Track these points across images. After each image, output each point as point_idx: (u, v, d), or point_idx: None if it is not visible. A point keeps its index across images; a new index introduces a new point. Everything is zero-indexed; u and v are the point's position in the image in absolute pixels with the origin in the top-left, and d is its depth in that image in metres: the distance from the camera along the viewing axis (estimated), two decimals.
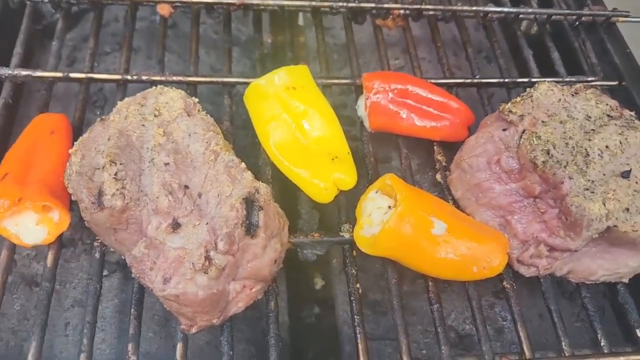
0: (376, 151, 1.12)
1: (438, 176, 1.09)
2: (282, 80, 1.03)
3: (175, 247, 0.80)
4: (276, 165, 1.01)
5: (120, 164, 0.84)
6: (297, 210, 1.08)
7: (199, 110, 0.92)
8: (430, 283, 0.96)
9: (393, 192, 0.94)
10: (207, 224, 0.81)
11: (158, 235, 0.81)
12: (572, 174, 0.92)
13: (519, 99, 1.02)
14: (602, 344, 0.94)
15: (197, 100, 0.94)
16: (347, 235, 0.97)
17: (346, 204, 1.01)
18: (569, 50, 1.34)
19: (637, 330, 0.96)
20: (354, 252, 0.97)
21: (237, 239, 0.79)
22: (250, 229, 0.80)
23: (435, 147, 1.11)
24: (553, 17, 1.28)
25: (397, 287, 0.94)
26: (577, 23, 1.31)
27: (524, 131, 0.97)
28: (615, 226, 0.90)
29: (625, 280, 1.00)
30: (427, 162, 1.18)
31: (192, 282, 0.77)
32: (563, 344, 0.93)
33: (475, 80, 1.20)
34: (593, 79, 1.24)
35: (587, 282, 1.00)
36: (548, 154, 0.94)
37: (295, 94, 1.03)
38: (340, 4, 1.16)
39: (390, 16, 1.24)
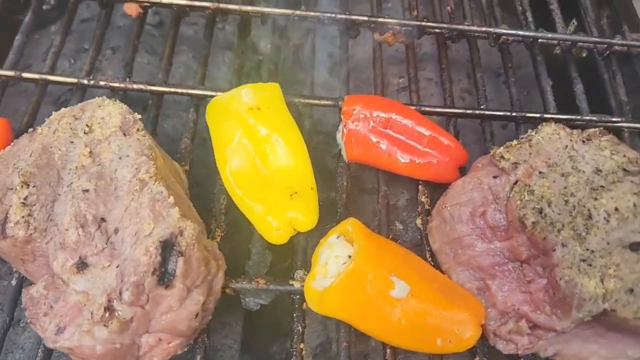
0: (352, 186, 0.98)
1: (418, 221, 0.95)
2: (247, 98, 0.91)
3: (78, 291, 0.69)
4: (230, 195, 0.89)
5: (34, 187, 0.74)
6: (247, 249, 0.96)
7: (138, 130, 0.81)
8: (388, 351, 0.82)
9: None
10: (117, 266, 0.70)
11: (63, 273, 0.70)
12: (566, 241, 0.77)
13: (515, 142, 0.87)
14: None
15: (139, 117, 0.83)
16: (297, 285, 0.85)
17: (305, 247, 0.89)
18: (597, 84, 1.17)
19: None
20: (304, 305, 0.84)
21: (146, 288, 0.68)
22: (164, 277, 0.68)
23: (420, 187, 0.97)
24: (579, 44, 1.11)
25: (347, 351, 0.81)
26: (608, 52, 1.13)
27: (516, 182, 0.82)
28: (614, 310, 0.74)
29: None
30: (411, 204, 1.04)
31: (89, 335, 0.66)
32: None
33: (477, 112, 1.04)
34: (619, 119, 1.07)
35: None
36: (540, 213, 0.79)
37: (260, 115, 0.90)
38: (329, 15, 1.03)
39: (390, 31, 1.10)
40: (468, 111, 1.04)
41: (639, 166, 0.87)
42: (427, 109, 1.03)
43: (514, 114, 1.04)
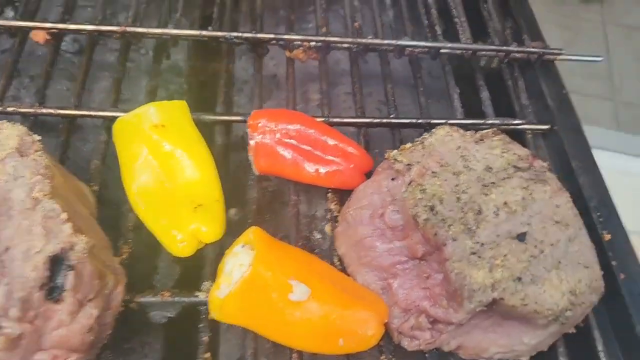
0: (270, 199, 1.01)
1: (327, 228, 0.97)
2: (152, 116, 0.93)
3: None
4: (136, 212, 0.90)
5: None
6: (156, 264, 0.96)
7: (35, 150, 0.82)
8: (294, 355, 0.83)
9: None
10: (7, 284, 0.70)
11: None
12: (456, 235, 0.80)
13: (409, 145, 0.90)
14: None
15: (38, 138, 0.84)
16: (203, 296, 0.85)
17: (213, 259, 0.90)
18: (503, 91, 1.23)
19: None
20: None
21: (34, 304, 0.68)
22: (53, 292, 0.69)
23: (328, 195, 1.00)
24: (479, 53, 1.16)
25: (253, 358, 0.82)
26: (508, 60, 1.19)
27: (410, 182, 0.86)
28: (502, 298, 0.77)
29: (525, 359, 0.87)
30: (324, 213, 1.06)
31: None
32: None
33: (384, 120, 1.08)
34: (520, 122, 1.12)
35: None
36: (432, 210, 0.82)
37: (165, 132, 0.92)
38: (235, 34, 1.06)
39: (301, 47, 1.14)
40: (375, 120, 1.07)
41: (529, 162, 0.92)
42: (336, 120, 1.06)
43: (420, 120, 1.08)
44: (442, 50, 1.16)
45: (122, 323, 0.80)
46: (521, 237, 0.82)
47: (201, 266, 0.90)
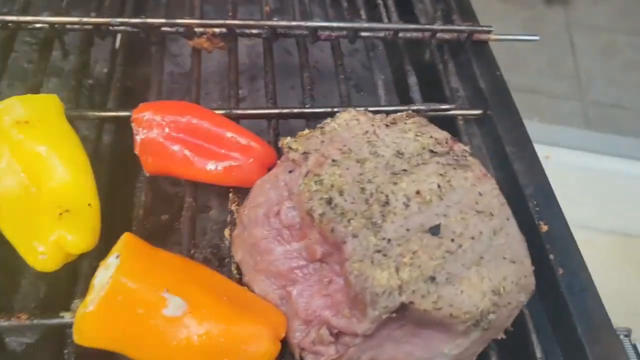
0: (153, 202, 0.88)
1: (226, 232, 0.85)
2: (13, 111, 0.80)
3: None
4: None
5: None
6: (16, 280, 0.83)
7: None
8: None
9: None
10: None
11: None
12: (357, 231, 0.68)
13: (306, 131, 0.79)
14: None
15: None
16: (69, 317, 0.73)
17: (90, 273, 0.77)
18: (434, 76, 1.12)
19: None
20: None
21: None
22: None
23: (230, 195, 0.88)
24: (402, 34, 1.06)
25: None
26: (435, 42, 1.09)
27: (307, 174, 0.74)
28: (412, 303, 0.65)
29: None
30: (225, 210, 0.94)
31: None
32: None
33: (295, 111, 0.97)
34: (450, 107, 1.01)
35: None
36: (330, 203, 0.70)
37: (28, 130, 0.80)
38: (120, 20, 0.94)
39: (204, 36, 1.02)
40: (285, 110, 0.96)
41: (448, 146, 0.81)
42: (241, 112, 0.95)
43: (336, 109, 0.97)
44: (362, 34, 1.05)
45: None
46: (434, 230, 0.70)
47: (73, 282, 0.77)
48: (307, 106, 0.99)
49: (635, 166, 2.54)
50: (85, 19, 0.92)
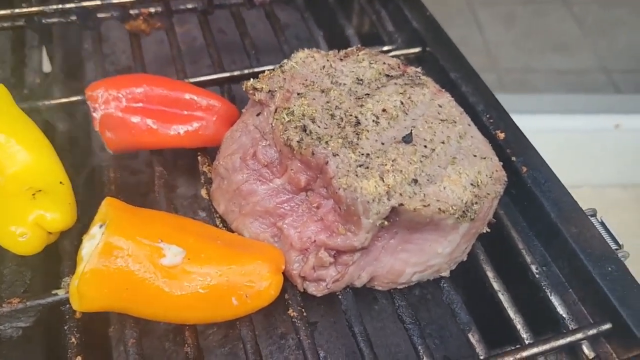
0: (126, 177, 0.87)
1: (203, 192, 0.85)
2: None
3: None
4: None
5: None
6: None
7: None
8: (186, 334, 0.70)
9: None
10: None
11: None
12: (337, 150, 0.70)
13: (267, 72, 0.80)
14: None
15: None
16: (62, 293, 0.71)
17: (72, 251, 0.75)
18: (368, 25, 1.17)
19: (470, 335, 0.73)
20: (78, 313, 0.70)
21: None
22: None
23: (199, 157, 0.88)
24: None
25: (136, 349, 0.68)
26: None
27: (276, 110, 0.75)
28: (402, 204, 0.68)
29: (446, 274, 0.78)
30: (195, 179, 0.94)
31: None
32: None
33: (246, 72, 0.98)
34: (390, 47, 1.05)
35: (399, 287, 0.77)
36: (305, 130, 0.72)
37: None
38: (52, 7, 0.92)
39: (140, 17, 1.02)
40: (236, 73, 0.97)
41: (402, 70, 0.85)
42: (193, 80, 0.95)
43: (285, 60, 0.98)
44: None
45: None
46: (407, 138, 0.73)
47: (58, 262, 0.74)
48: (255, 67, 1.01)
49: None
50: (17, 10, 0.90)
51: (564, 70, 3.45)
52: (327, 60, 0.83)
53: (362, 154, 0.71)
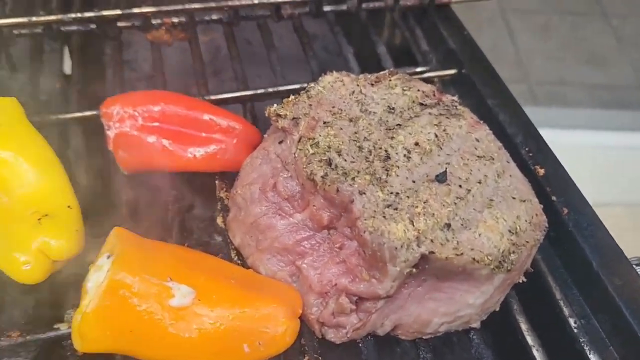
0: (139, 199, 0.82)
1: (219, 220, 0.80)
2: None
3: None
4: None
5: None
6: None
7: None
8: None
9: None
10: None
11: None
12: (364, 188, 0.65)
13: (292, 97, 0.75)
14: None
15: None
16: (65, 328, 0.66)
17: (77, 280, 0.70)
18: (402, 45, 1.11)
19: None
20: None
21: None
22: None
23: (216, 182, 0.83)
24: (365, 4, 1.04)
25: None
26: (398, 9, 1.07)
27: (300, 139, 0.70)
28: (432, 252, 0.62)
29: (477, 325, 0.72)
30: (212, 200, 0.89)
31: None
32: None
33: (270, 90, 0.93)
34: (424, 69, 0.99)
35: (425, 337, 0.71)
36: (330, 164, 0.66)
37: None
38: (73, 16, 0.88)
39: (163, 27, 0.98)
40: (259, 91, 0.92)
41: (437, 98, 0.79)
42: (212, 97, 0.90)
43: (312, 84, 0.93)
44: (325, 8, 1.03)
45: None
46: (441, 177, 0.67)
47: (63, 292, 0.70)
48: (280, 85, 0.96)
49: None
50: (34, 19, 0.86)
51: (599, 85, 3.34)
52: (357, 85, 0.77)
53: (391, 193, 0.65)
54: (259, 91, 0.92)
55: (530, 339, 0.71)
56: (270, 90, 0.92)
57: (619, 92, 3.26)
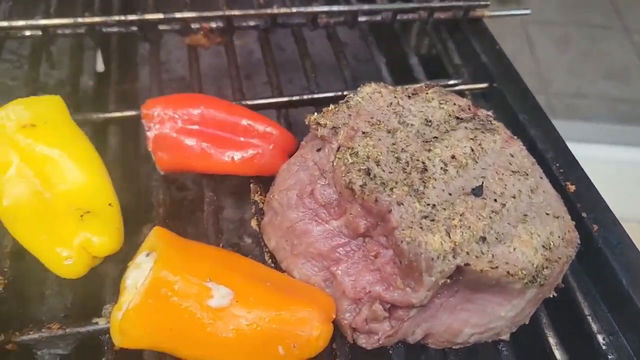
0: (172, 200, 0.84)
1: (253, 223, 0.81)
2: (17, 115, 0.76)
3: None
4: (11, 232, 0.73)
5: None
6: (41, 292, 0.78)
7: None
8: None
9: None
10: None
11: None
12: (402, 198, 0.66)
13: (332, 107, 0.76)
14: None
15: None
16: (103, 322, 0.68)
17: (118, 276, 0.72)
18: (433, 56, 1.12)
19: None
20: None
21: None
22: None
23: (251, 185, 0.84)
24: (400, 15, 1.05)
25: None
26: (432, 21, 1.08)
27: (339, 148, 0.71)
28: (468, 264, 0.63)
29: (506, 337, 0.73)
30: (243, 202, 0.91)
31: None
32: None
33: (305, 97, 0.94)
34: (456, 82, 1.00)
35: (454, 347, 0.72)
36: (368, 174, 0.68)
37: (35, 133, 0.75)
38: (117, 18, 0.90)
39: (201, 32, 1.00)
40: (295, 98, 0.94)
41: (472, 112, 0.80)
42: (248, 102, 0.92)
43: (345, 92, 0.95)
44: (360, 19, 1.04)
45: None
46: (477, 191, 0.69)
47: (101, 287, 0.72)
48: (314, 93, 0.97)
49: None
50: (79, 20, 0.88)
51: (618, 99, 3.32)
52: (395, 97, 0.78)
53: (428, 205, 0.66)
54: (295, 98, 0.93)
55: (558, 353, 0.72)
56: (306, 97, 0.94)
57: (638, 107, 3.25)
